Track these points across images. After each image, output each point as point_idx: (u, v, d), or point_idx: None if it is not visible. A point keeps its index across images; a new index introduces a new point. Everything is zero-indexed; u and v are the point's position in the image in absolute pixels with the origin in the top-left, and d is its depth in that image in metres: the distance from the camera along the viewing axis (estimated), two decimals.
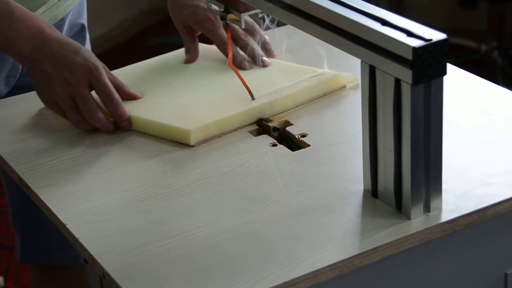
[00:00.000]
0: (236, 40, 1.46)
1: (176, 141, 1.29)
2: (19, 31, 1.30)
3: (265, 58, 1.46)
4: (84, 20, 1.62)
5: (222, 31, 1.46)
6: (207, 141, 1.29)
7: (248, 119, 1.33)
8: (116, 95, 1.32)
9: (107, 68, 1.35)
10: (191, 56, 1.50)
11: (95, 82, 1.31)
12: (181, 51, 1.52)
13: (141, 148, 1.29)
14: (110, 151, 1.29)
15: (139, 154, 1.28)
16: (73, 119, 1.32)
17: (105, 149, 1.29)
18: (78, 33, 1.60)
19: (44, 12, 1.48)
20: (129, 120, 1.33)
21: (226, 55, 1.44)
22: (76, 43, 1.32)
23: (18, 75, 1.53)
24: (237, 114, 1.32)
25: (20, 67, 1.51)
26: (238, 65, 1.44)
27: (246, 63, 1.45)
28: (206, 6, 1.44)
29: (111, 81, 1.33)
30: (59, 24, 1.53)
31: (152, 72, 1.47)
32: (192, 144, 1.27)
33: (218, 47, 1.47)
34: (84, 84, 1.30)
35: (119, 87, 1.35)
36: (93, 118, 1.31)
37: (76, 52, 1.31)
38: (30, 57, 1.31)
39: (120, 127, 1.33)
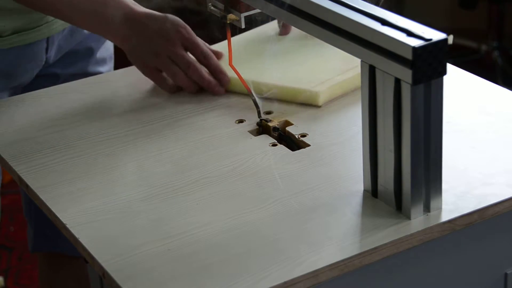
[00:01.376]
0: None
1: (303, 102, 1.36)
2: (112, 13, 1.38)
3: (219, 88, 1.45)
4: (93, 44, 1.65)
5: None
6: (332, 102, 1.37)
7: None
8: (209, 51, 1.42)
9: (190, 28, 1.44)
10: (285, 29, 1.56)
11: (189, 44, 1.40)
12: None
13: (141, 148, 1.29)
14: (110, 151, 1.29)
15: (139, 154, 1.28)
16: (181, 83, 1.40)
17: (104, 149, 1.29)
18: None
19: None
20: (227, 81, 1.41)
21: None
22: (161, 14, 1.41)
23: (42, 65, 1.55)
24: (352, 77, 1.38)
25: (44, 58, 1.54)
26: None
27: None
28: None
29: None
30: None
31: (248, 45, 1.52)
32: (320, 104, 1.35)
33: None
34: (180, 47, 1.39)
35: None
36: (198, 74, 1.40)
37: (164, 20, 1.39)
38: (127, 35, 1.39)
39: (216, 89, 1.41)
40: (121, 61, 1.63)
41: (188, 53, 1.41)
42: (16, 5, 1.42)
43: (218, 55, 1.46)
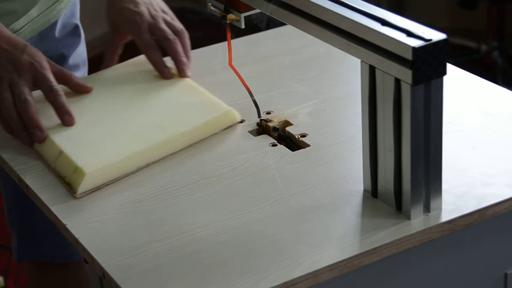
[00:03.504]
0: (162, 40, 1.43)
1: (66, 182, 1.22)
2: None
3: (185, 68, 1.42)
4: (77, 20, 1.62)
5: (146, 35, 1.43)
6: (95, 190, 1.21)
7: (138, 163, 1.24)
8: (58, 87, 1.31)
9: (53, 63, 1.34)
10: (107, 63, 1.48)
11: (38, 78, 1.30)
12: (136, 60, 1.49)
13: None
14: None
15: None
16: (5, 111, 1.29)
17: None
18: (72, 32, 1.60)
19: (38, 15, 1.48)
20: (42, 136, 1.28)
21: (150, 58, 1.42)
22: (23, 42, 1.32)
23: None
24: (132, 156, 1.24)
25: None
26: (160, 71, 1.40)
27: (168, 71, 1.42)
28: (136, 8, 1.43)
29: (59, 74, 1.33)
30: (52, 25, 1.53)
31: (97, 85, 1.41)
32: (77, 195, 1.19)
33: (142, 51, 1.45)
34: (25, 78, 1.29)
35: (67, 79, 1.35)
36: (23, 108, 1.27)
37: (22, 50, 1.31)
38: None
39: (35, 135, 1.28)
40: (95, 66, 1.60)
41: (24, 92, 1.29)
42: None
43: (86, 88, 1.38)
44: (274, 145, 1.28)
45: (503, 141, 1.24)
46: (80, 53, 1.62)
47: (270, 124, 1.32)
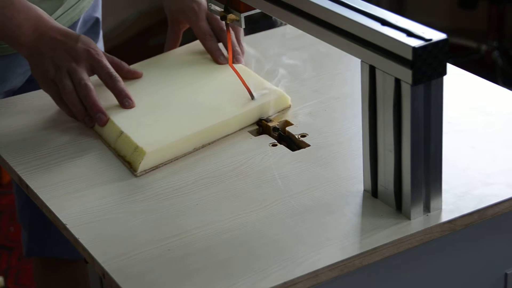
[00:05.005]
0: (218, 30, 1.47)
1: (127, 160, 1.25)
2: (19, 22, 1.34)
3: (240, 57, 1.46)
4: (99, 14, 1.65)
5: (204, 23, 1.47)
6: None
7: (200, 142, 1.28)
8: (116, 73, 1.35)
9: (105, 53, 1.38)
10: (166, 46, 1.53)
11: (96, 64, 1.34)
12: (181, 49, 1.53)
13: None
14: (110, 151, 1.29)
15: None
16: (67, 96, 1.32)
17: (105, 149, 1.29)
18: (92, 28, 1.63)
19: (62, 15, 1.50)
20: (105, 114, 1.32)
21: (207, 46, 1.46)
22: (74, 32, 1.35)
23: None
24: (189, 136, 1.28)
25: None
26: (216, 58, 1.45)
27: (224, 59, 1.46)
28: None
29: (110, 62, 1.37)
30: (74, 23, 1.55)
31: (151, 70, 1.46)
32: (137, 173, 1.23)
33: (199, 38, 1.49)
34: (83, 66, 1.33)
35: (118, 67, 1.38)
36: (85, 92, 1.31)
37: (76, 39, 1.34)
38: (32, 46, 1.34)
39: (95, 114, 1.32)
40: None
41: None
42: None
43: (134, 74, 1.42)
44: (274, 145, 1.28)
45: (503, 141, 1.24)
46: None
47: (270, 124, 1.32)
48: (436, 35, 1.01)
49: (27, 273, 2.49)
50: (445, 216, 1.09)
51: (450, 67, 1.18)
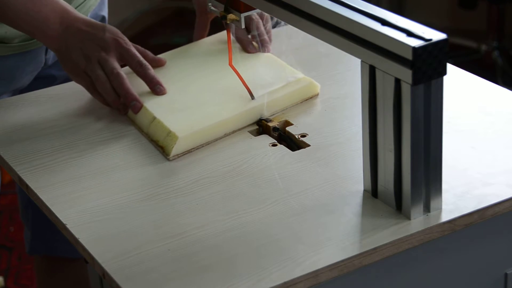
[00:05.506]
0: (247, 19, 1.45)
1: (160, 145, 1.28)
2: (46, 14, 1.35)
3: (268, 45, 1.48)
4: (105, 12, 1.66)
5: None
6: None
7: (234, 127, 1.32)
8: (145, 61, 1.38)
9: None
10: (195, 36, 1.54)
11: (125, 53, 1.37)
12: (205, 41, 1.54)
13: (141, 148, 1.29)
14: (110, 151, 1.29)
15: (139, 154, 1.28)
16: (101, 86, 1.35)
17: (105, 149, 1.29)
18: None
19: None
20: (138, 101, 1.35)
21: (236, 36, 1.47)
22: (99, 23, 1.38)
23: (41, 67, 1.56)
24: (222, 122, 1.31)
25: (44, 60, 1.54)
26: (245, 47, 1.46)
27: (254, 48, 1.47)
28: None
29: (136, 49, 1.39)
30: None
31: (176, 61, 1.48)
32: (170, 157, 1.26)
33: (227, 27, 1.48)
34: (113, 55, 1.35)
35: (143, 55, 1.41)
36: (119, 82, 1.34)
37: (102, 29, 1.36)
38: (59, 39, 1.36)
39: (129, 102, 1.35)
40: None
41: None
42: None
43: (159, 62, 1.44)
44: (274, 145, 1.28)
45: (503, 141, 1.24)
46: None
47: (270, 124, 1.32)
48: (436, 35, 1.01)
49: (27, 273, 2.49)
50: (445, 216, 1.09)
51: (450, 67, 1.18)
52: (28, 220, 1.70)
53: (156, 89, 1.37)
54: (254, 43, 1.47)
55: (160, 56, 1.47)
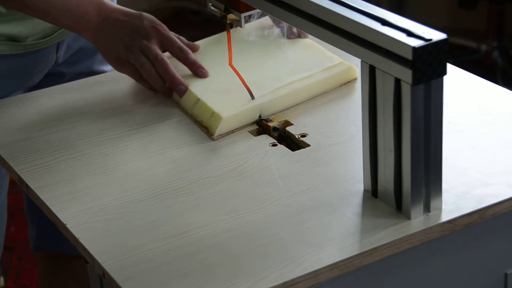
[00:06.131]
0: None
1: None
2: (85, 8, 1.39)
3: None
4: None
5: None
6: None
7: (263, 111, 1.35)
8: (185, 46, 1.42)
9: None
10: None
11: (165, 40, 1.41)
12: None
13: (141, 148, 1.29)
14: (110, 151, 1.29)
15: (139, 154, 1.28)
16: (147, 73, 1.39)
17: (105, 149, 1.29)
18: None
19: None
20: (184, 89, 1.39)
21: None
22: (136, 11, 1.41)
23: (52, 64, 1.57)
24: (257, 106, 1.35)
25: (55, 58, 1.55)
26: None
27: (294, 35, 1.48)
28: None
29: None
30: None
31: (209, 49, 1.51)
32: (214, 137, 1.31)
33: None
34: (154, 42, 1.39)
35: (179, 40, 1.44)
36: (164, 67, 1.38)
37: (140, 17, 1.39)
38: (98, 31, 1.39)
39: (176, 87, 1.39)
40: None
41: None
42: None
43: (194, 47, 1.47)
44: (274, 145, 1.28)
45: (503, 141, 1.24)
46: None
47: (270, 124, 1.32)
48: (436, 35, 1.01)
49: (27, 273, 2.49)
50: (445, 216, 1.09)
51: (450, 67, 1.18)
52: (33, 217, 1.70)
53: (198, 72, 1.41)
54: (294, 29, 1.49)
55: (203, 40, 1.51)
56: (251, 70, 1.40)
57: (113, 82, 1.49)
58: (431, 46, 1.00)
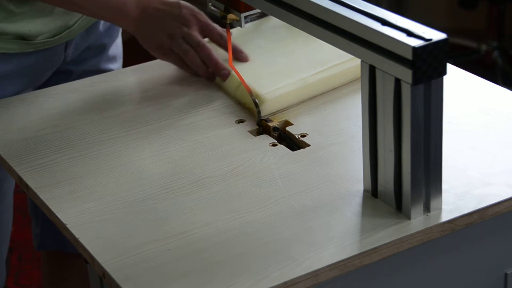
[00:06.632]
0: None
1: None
2: (125, 0, 1.41)
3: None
4: None
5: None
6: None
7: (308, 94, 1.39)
8: (224, 33, 1.45)
9: None
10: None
11: (205, 27, 1.45)
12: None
13: (141, 148, 1.29)
14: (110, 151, 1.29)
15: (139, 154, 1.28)
16: (191, 59, 1.43)
17: (105, 149, 1.29)
18: (111, 26, 1.65)
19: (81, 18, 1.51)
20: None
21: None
22: (174, 0, 1.44)
23: (60, 63, 1.57)
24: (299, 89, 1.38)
25: (63, 56, 1.56)
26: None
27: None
28: None
29: None
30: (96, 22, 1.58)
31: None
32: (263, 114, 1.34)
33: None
34: (195, 29, 1.42)
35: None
36: (207, 53, 1.42)
37: (178, 5, 1.42)
38: (138, 21, 1.42)
39: (219, 72, 1.43)
40: (125, 60, 1.64)
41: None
42: (41, 8, 1.44)
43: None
44: (274, 145, 1.28)
45: (503, 141, 1.24)
46: (118, 45, 1.68)
47: (270, 124, 1.32)
48: (436, 35, 1.01)
49: (27, 273, 2.49)
50: (445, 216, 1.09)
51: (450, 67, 1.18)
52: (38, 215, 1.70)
53: (239, 56, 1.44)
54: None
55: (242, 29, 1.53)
56: (292, 54, 1.45)
57: (113, 82, 1.49)
58: (431, 46, 1.00)
